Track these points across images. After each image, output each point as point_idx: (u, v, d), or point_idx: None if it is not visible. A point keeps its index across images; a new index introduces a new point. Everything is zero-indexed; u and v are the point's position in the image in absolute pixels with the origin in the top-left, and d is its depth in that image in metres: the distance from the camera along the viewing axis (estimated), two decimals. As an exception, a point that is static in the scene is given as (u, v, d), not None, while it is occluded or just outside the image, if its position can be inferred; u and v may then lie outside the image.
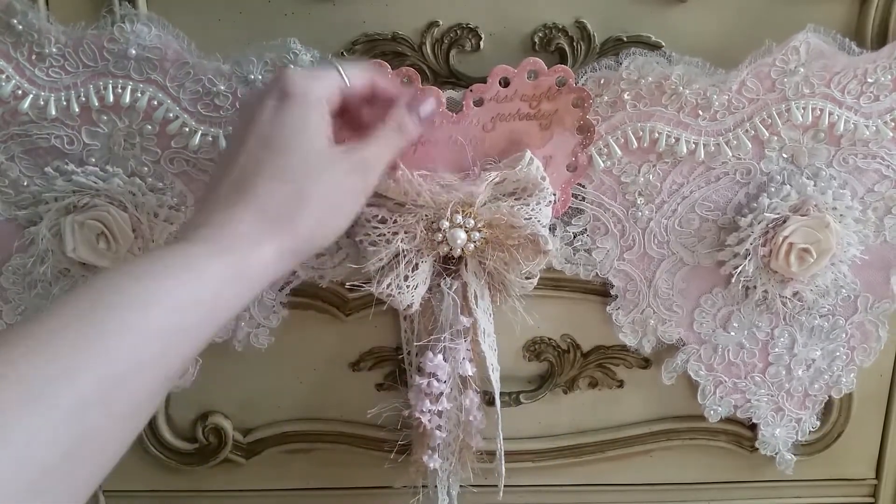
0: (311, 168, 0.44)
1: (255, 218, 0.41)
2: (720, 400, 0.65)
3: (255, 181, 0.42)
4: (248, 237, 0.41)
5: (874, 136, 0.56)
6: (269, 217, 0.42)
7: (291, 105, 0.44)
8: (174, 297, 0.37)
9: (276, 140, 0.43)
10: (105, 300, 0.36)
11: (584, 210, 0.58)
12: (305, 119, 0.44)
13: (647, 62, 0.53)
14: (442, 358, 0.56)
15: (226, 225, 0.41)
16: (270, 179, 0.42)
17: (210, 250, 0.40)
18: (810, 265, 0.57)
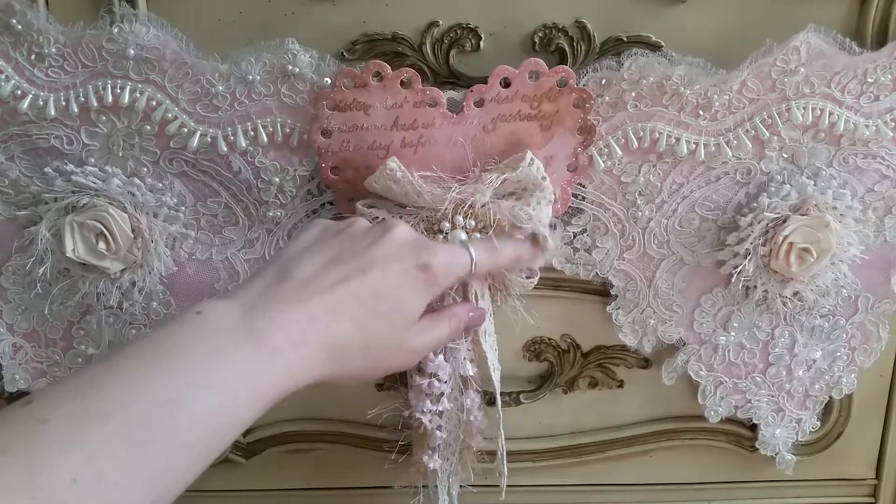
0: (395, 338, 0.45)
1: (329, 349, 0.42)
2: (720, 400, 0.65)
3: (346, 316, 0.43)
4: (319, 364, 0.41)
5: (874, 135, 0.56)
6: (340, 351, 0.42)
7: (424, 281, 0.45)
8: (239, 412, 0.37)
9: (388, 296, 0.44)
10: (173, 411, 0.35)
11: (585, 210, 0.58)
12: (423, 296, 0.46)
13: (649, 63, 0.53)
14: (443, 358, 0.56)
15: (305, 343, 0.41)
16: (363, 324, 0.43)
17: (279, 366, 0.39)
18: (810, 265, 0.57)
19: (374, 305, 0.44)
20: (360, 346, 0.43)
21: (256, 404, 0.38)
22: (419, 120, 0.53)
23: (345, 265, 0.44)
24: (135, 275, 0.57)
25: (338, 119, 0.53)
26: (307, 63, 0.52)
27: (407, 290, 0.45)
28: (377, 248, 0.45)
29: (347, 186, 0.55)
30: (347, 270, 0.44)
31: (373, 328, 0.44)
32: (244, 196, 0.56)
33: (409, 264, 0.45)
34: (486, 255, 0.50)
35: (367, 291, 0.44)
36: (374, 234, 0.47)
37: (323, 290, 0.43)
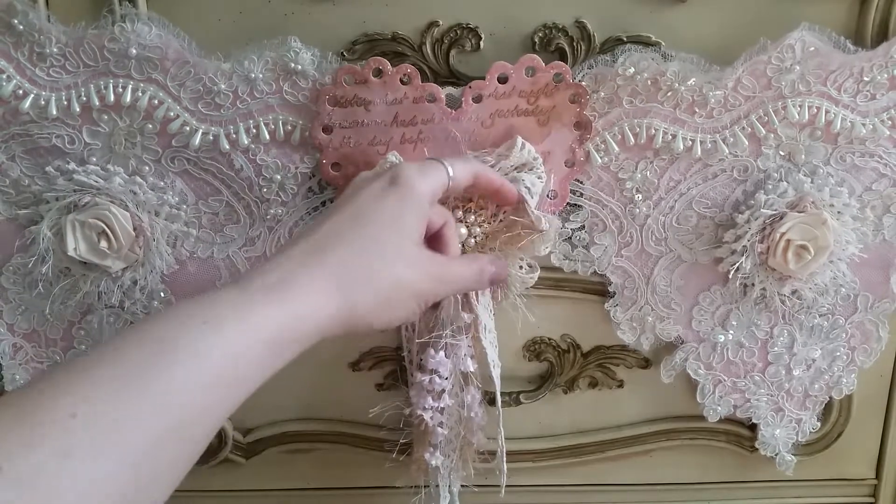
0: (393, 255, 0.44)
1: (324, 280, 0.41)
2: (719, 399, 0.65)
3: (334, 247, 0.43)
4: (312, 294, 0.41)
5: (871, 134, 0.56)
6: (337, 283, 0.42)
7: (396, 193, 0.45)
8: (229, 347, 0.37)
9: (368, 217, 0.44)
10: (163, 348, 0.35)
11: (582, 206, 0.59)
12: (405, 209, 0.45)
13: (643, 58, 0.53)
14: (444, 354, 0.56)
15: (291, 279, 0.40)
16: (349, 250, 0.43)
17: (270, 300, 0.39)
18: (808, 262, 0.57)
19: (358, 230, 0.43)
20: (364, 274, 0.43)
21: (258, 340, 0.38)
22: (419, 116, 0.54)
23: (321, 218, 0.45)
24: (136, 273, 0.57)
25: (339, 115, 0.54)
26: (309, 60, 0.53)
27: (387, 208, 0.44)
28: (350, 186, 0.46)
29: (348, 183, 0.55)
30: (321, 219, 0.44)
31: (366, 246, 0.43)
32: (246, 194, 0.57)
33: (379, 183, 0.45)
34: (463, 166, 0.49)
35: (346, 220, 0.44)
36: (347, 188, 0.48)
37: (305, 238, 0.43)
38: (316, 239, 0.43)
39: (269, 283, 0.40)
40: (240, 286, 0.40)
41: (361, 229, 0.44)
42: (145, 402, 0.33)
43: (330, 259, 0.42)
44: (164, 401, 0.34)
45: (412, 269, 0.45)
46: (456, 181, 0.48)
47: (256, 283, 0.40)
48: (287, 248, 0.43)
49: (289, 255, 0.42)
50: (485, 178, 0.50)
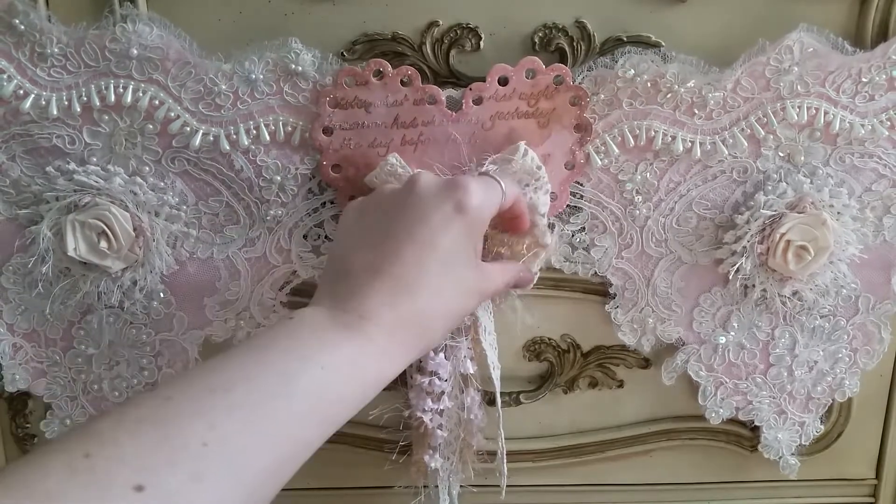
0: (462, 289, 0.46)
1: (413, 332, 0.44)
2: (721, 401, 0.65)
3: (419, 293, 0.44)
4: (404, 348, 0.43)
5: (870, 135, 0.56)
6: (422, 331, 0.44)
7: (465, 221, 0.45)
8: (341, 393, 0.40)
9: (443, 252, 0.45)
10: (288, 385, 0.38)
11: (583, 208, 0.59)
12: (471, 236, 0.46)
13: (643, 60, 0.53)
14: (443, 356, 0.56)
15: (382, 322, 0.42)
16: (432, 295, 0.44)
17: (373, 354, 0.42)
18: (808, 263, 0.57)
19: (434, 263, 0.44)
20: (442, 312, 0.45)
21: (359, 383, 0.41)
22: (419, 118, 0.54)
23: (390, 240, 0.45)
24: (136, 274, 0.57)
25: (339, 117, 0.54)
26: (310, 62, 0.53)
27: (458, 239, 0.45)
28: (412, 210, 0.46)
29: (348, 184, 0.56)
30: (394, 244, 0.45)
31: (443, 286, 0.45)
32: (246, 195, 0.57)
33: (447, 207, 0.45)
34: (511, 188, 0.50)
35: (423, 252, 0.44)
36: (401, 195, 0.47)
37: (381, 268, 0.44)
38: (402, 278, 0.44)
39: (372, 337, 0.42)
40: (349, 332, 0.42)
41: (440, 267, 0.44)
42: (269, 433, 0.36)
43: (417, 303, 0.44)
44: (284, 433, 0.37)
45: (472, 294, 0.47)
46: (505, 203, 0.49)
47: (362, 332, 0.42)
48: (373, 281, 0.44)
49: (380, 297, 0.43)
50: (518, 205, 0.51)
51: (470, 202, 0.45)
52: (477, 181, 0.47)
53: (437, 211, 0.45)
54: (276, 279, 0.59)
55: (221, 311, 0.60)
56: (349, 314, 0.42)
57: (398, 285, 0.43)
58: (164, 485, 0.31)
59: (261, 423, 0.36)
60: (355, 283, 0.44)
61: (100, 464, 0.31)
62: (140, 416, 0.34)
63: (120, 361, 0.61)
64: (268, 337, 0.41)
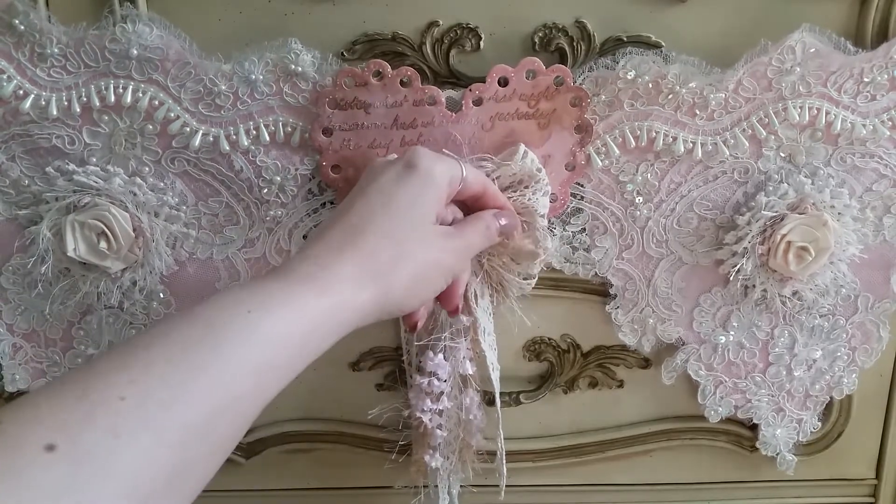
0: (419, 236, 0.46)
1: (359, 266, 0.43)
2: (720, 400, 0.65)
3: (365, 234, 0.44)
4: (350, 282, 0.42)
5: (871, 135, 0.56)
6: (372, 268, 0.43)
7: (415, 176, 0.46)
8: (273, 333, 0.38)
9: (393, 202, 0.45)
10: (213, 332, 0.36)
11: (583, 209, 0.59)
12: (424, 191, 0.46)
13: (644, 61, 0.53)
14: (443, 357, 0.56)
15: (330, 267, 0.42)
16: (381, 235, 0.44)
17: (311, 289, 0.41)
18: (809, 263, 0.57)
19: (386, 213, 0.45)
20: (396, 258, 0.44)
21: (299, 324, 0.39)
22: (419, 118, 0.54)
23: (345, 202, 0.47)
24: (136, 274, 0.57)
25: (339, 117, 0.54)
26: (309, 62, 0.53)
27: (409, 190, 0.46)
28: (366, 172, 0.48)
29: (348, 185, 0.55)
30: (347, 203, 0.46)
31: (394, 229, 0.45)
32: (245, 195, 0.57)
33: (396, 167, 0.47)
34: (475, 172, 0.50)
35: (374, 205, 0.45)
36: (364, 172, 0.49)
37: (334, 223, 0.45)
38: (350, 224, 0.44)
39: (310, 273, 0.41)
40: (282, 275, 0.41)
41: (389, 213, 0.45)
42: (194, 383, 0.34)
43: (363, 246, 0.44)
44: (212, 382, 0.35)
45: (436, 247, 0.47)
46: (468, 183, 0.49)
47: (298, 272, 0.41)
48: (323, 233, 0.44)
49: (326, 242, 0.44)
50: (492, 193, 0.51)
51: (419, 161, 0.47)
52: (435, 153, 0.48)
53: (389, 170, 0.47)
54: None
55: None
56: (290, 264, 0.42)
57: (345, 230, 0.44)
58: (79, 442, 0.30)
59: (182, 375, 0.34)
60: (306, 245, 0.44)
61: (10, 428, 0.31)
62: (63, 379, 0.34)
63: (120, 361, 0.61)
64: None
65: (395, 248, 0.44)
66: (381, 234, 0.44)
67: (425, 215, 0.46)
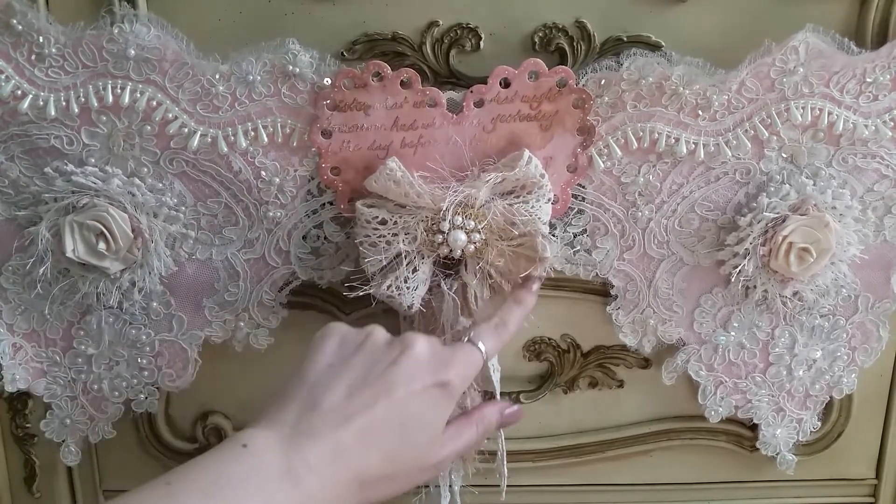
0: (421, 458, 0.46)
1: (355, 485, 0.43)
2: (721, 400, 0.65)
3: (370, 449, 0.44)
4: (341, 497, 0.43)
5: (873, 135, 0.56)
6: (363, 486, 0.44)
7: (444, 399, 0.47)
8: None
9: (411, 426, 0.45)
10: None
11: (585, 210, 0.58)
12: (444, 417, 0.47)
13: (648, 63, 0.53)
14: None
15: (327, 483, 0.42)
16: (383, 455, 0.44)
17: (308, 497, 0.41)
18: (810, 264, 0.57)
19: (400, 432, 0.45)
20: (388, 474, 0.45)
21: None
22: (419, 120, 0.53)
23: (369, 389, 0.45)
24: (135, 275, 0.57)
25: (338, 119, 0.53)
26: (307, 63, 0.52)
27: (429, 410, 0.46)
28: (398, 370, 0.46)
29: (347, 187, 0.55)
30: (371, 396, 0.45)
31: (398, 455, 0.45)
32: (244, 196, 0.56)
33: (429, 383, 0.46)
34: (495, 341, 0.51)
35: (393, 418, 0.45)
36: (393, 351, 0.48)
37: (351, 418, 0.44)
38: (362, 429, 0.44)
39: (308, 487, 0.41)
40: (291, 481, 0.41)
41: (404, 436, 0.45)
42: None
43: (371, 460, 0.44)
44: None
45: (432, 462, 0.47)
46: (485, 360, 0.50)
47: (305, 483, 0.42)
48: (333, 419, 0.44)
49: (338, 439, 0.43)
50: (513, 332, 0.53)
51: (454, 382, 0.47)
52: (460, 357, 0.48)
53: (420, 380, 0.46)
54: (276, 280, 0.59)
55: (220, 312, 0.60)
56: (300, 459, 0.42)
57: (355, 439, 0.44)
58: None
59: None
60: (320, 424, 0.44)
61: None
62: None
63: (120, 362, 0.61)
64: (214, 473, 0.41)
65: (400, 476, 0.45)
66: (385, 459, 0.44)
67: (437, 435, 0.47)
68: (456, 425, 0.50)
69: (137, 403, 0.63)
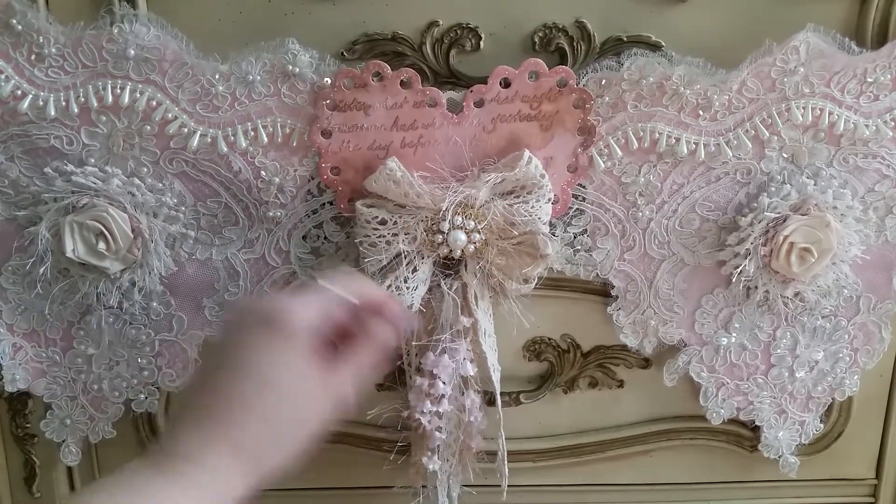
0: (293, 405, 0.43)
1: (234, 457, 0.41)
2: (723, 402, 0.65)
3: (238, 418, 0.42)
4: (225, 475, 0.41)
5: (874, 135, 0.56)
6: (247, 457, 0.42)
7: (278, 342, 0.43)
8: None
9: (262, 378, 0.42)
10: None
11: (585, 210, 0.58)
12: (292, 356, 0.43)
13: (649, 63, 0.53)
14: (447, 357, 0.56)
15: (203, 461, 0.40)
16: (254, 419, 0.42)
17: (184, 487, 0.39)
18: (811, 265, 0.57)
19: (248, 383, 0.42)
20: (267, 433, 0.42)
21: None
22: (419, 120, 0.53)
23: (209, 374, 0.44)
24: (135, 275, 0.57)
25: (338, 119, 0.53)
26: (307, 63, 0.52)
27: (270, 356, 0.43)
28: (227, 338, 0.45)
29: (347, 186, 0.55)
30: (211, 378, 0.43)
31: (271, 415, 0.42)
32: (244, 196, 0.56)
33: (256, 331, 0.43)
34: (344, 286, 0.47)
35: (237, 376, 0.42)
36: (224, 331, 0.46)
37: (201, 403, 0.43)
38: (217, 410, 0.42)
39: (184, 470, 0.40)
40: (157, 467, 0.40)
41: (259, 394, 0.42)
42: None
43: (240, 434, 0.41)
44: None
45: (312, 403, 0.44)
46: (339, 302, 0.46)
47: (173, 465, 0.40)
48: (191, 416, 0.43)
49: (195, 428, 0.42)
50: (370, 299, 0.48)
51: (277, 317, 0.43)
52: (293, 297, 0.45)
53: (248, 338, 0.43)
54: (276, 280, 0.59)
55: (220, 312, 0.60)
56: (169, 458, 0.40)
57: (212, 415, 0.42)
58: None
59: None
60: (180, 426, 0.43)
61: None
62: None
63: (119, 361, 0.61)
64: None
65: (272, 431, 0.42)
66: (253, 418, 0.42)
67: (298, 380, 0.43)
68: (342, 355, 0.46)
69: (137, 403, 0.63)
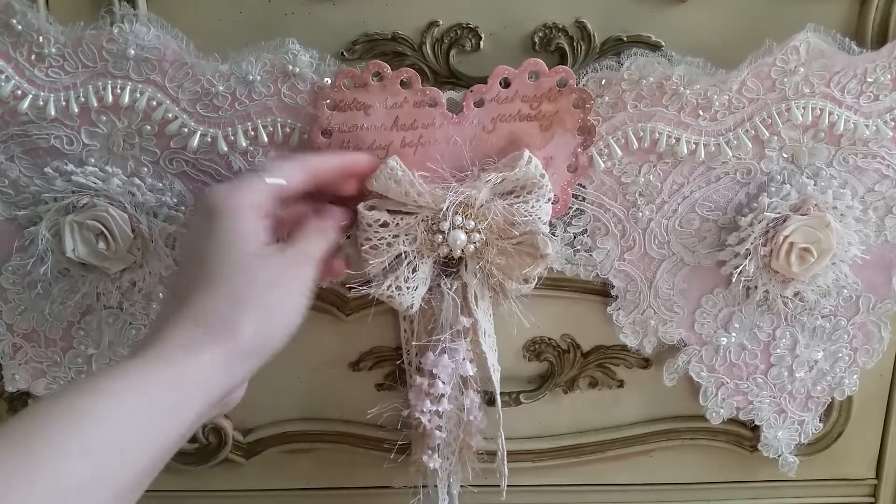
0: (245, 271, 0.44)
1: (189, 327, 0.42)
2: (722, 402, 0.65)
3: (188, 294, 0.43)
4: (183, 346, 0.41)
5: (874, 135, 0.56)
6: (204, 324, 0.42)
7: (216, 218, 0.44)
8: (110, 414, 0.37)
9: (205, 253, 0.44)
10: (40, 425, 0.35)
11: (585, 210, 0.58)
12: (232, 228, 0.44)
13: (649, 63, 0.53)
14: (447, 357, 0.56)
15: (161, 338, 0.41)
16: (202, 290, 0.43)
17: (145, 363, 0.40)
18: (811, 265, 0.57)
19: (194, 266, 0.44)
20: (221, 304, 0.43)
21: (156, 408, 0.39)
22: (419, 120, 0.53)
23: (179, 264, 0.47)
24: (135, 275, 0.57)
25: (338, 119, 0.53)
26: (307, 63, 0.52)
27: (210, 237, 0.44)
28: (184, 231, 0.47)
29: (347, 187, 0.55)
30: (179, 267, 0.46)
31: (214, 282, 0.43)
32: (244, 196, 0.56)
33: (197, 221, 0.46)
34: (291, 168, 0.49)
35: (185, 262, 0.45)
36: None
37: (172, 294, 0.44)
38: (173, 295, 0.44)
39: (146, 349, 0.41)
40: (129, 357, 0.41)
41: (204, 267, 0.44)
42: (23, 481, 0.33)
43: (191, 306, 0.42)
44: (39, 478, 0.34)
45: (269, 270, 0.45)
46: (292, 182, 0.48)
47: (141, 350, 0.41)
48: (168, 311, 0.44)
49: (158, 317, 0.44)
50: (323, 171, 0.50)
51: (212, 201, 0.45)
52: (225, 184, 0.47)
53: (192, 229, 0.46)
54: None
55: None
56: (145, 347, 0.41)
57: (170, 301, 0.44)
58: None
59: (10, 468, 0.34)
60: (156, 321, 0.44)
61: None
62: None
63: (120, 361, 0.61)
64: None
65: (222, 295, 0.43)
66: (201, 289, 0.43)
67: (244, 248, 0.44)
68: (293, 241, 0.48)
69: (137, 403, 0.63)
